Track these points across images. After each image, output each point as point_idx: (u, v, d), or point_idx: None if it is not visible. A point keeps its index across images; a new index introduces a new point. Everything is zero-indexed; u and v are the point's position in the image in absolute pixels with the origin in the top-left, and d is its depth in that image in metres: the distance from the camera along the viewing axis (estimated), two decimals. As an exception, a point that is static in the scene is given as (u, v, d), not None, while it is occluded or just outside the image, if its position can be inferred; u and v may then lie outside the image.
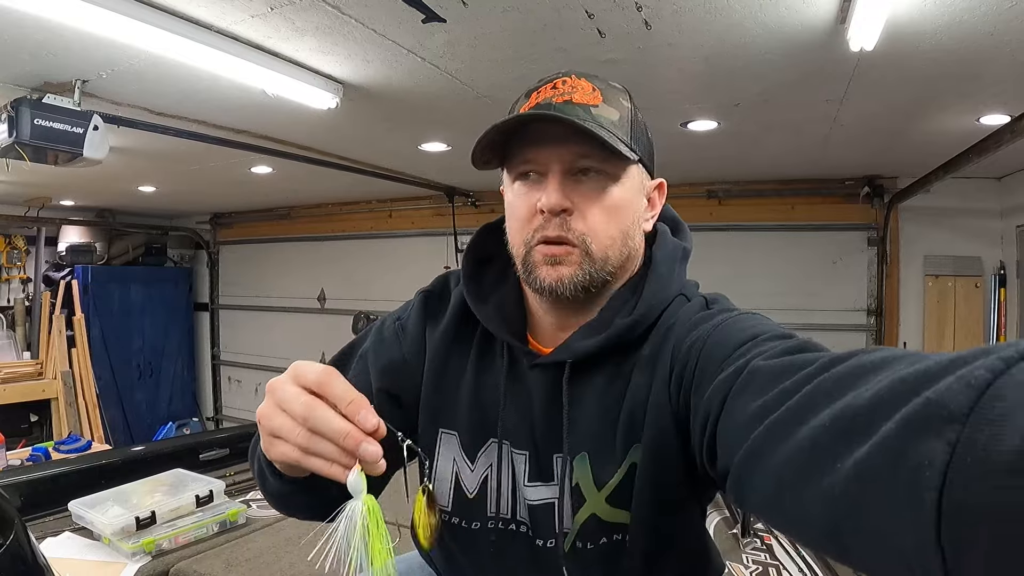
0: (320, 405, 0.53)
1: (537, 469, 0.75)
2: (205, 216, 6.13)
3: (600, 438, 0.71)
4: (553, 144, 0.68)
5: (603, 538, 0.72)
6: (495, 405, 0.76)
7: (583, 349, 0.72)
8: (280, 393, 0.55)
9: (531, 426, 0.75)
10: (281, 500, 0.72)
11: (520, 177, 0.72)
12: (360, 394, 0.54)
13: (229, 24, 1.73)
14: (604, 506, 0.71)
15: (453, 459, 0.79)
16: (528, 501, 0.75)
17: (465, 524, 0.78)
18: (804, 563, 1.65)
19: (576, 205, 0.69)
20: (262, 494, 0.76)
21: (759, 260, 4.10)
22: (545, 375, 0.74)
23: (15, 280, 5.31)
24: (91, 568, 1.47)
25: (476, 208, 4.81)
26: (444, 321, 0.81)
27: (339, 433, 0.52)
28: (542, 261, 0.70)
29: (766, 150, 3.22)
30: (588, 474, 0.71)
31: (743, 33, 1.76)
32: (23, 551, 0.80)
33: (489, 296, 0.79)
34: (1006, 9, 1.54)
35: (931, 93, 2.22)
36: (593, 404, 0.72)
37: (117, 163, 3.32)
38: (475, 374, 0.78)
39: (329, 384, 0.54)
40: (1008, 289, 3.52)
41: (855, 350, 0.45)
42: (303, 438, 0.53)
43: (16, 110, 2.04)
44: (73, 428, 4.58)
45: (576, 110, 0.68)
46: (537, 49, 1.90)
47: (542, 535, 0.75)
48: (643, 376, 0.71)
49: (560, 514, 0.72)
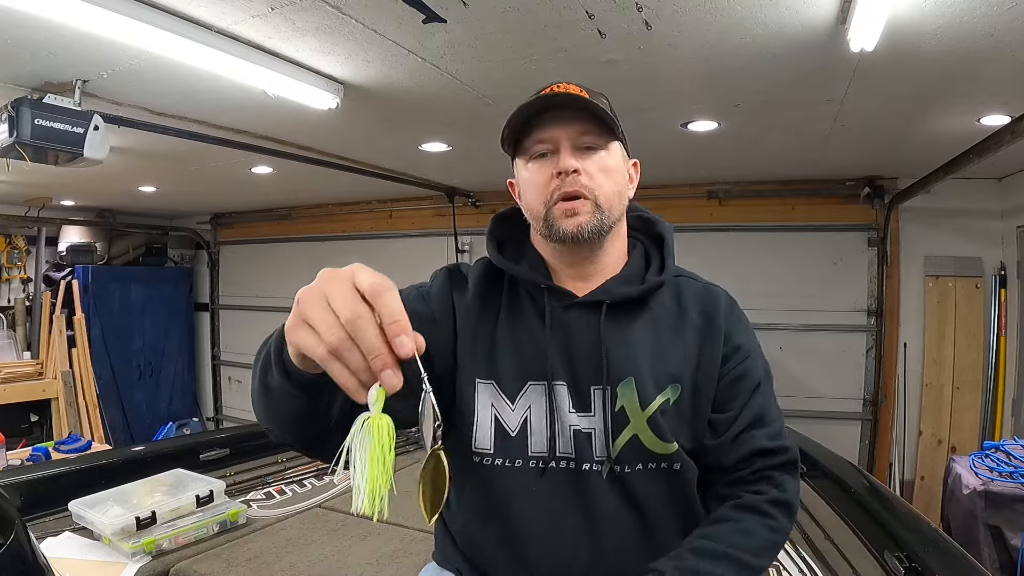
0: (367, 315, 0.50)
1: (577, 400, 0.87)
2: (205, 216, 6.13)
3: (641, 367, 0.87)
4: (561, 125, 0.87)
5: (640, 464, 0.85)
6: (533, 348, 0.89)
7: (622, 294, 0.90)
8: (331, 285, 0.52)
9: (570, 359, 0.88)
10: (271, 400, 0.68)
11: (535, 157, 0.89)
12: (407, 318, 0.51)
13: (229, 24, 1.73)
14: (647, 430, 0.85)
15: (491, 404, 0.88)
16: (573, 427, 0.86)
17: (508, 463, 0.87)
18: (804, 563, 1.64)
19: (583, 168, 0.86)
20: (252, 393, 0.72)
21: (759, 261, 4.10)
22: (583, 313, 0.89)
23: (15, 280, 5.31)
24: (91, 568, 1.47)
25: (476, 208, 4.81)
26: (471, 288, 0.94)
27: (374, 350, 0.49)
28: (561, 215, 0.86)
29: (766, 150, 3.22)
30: (634, 395, 0.86)
31: (743, 33, 1.76)
32: (23, 551, 0.80)
33: (519, 260, 0.95)
34: (1006, 9, 1.54)
35: (931, 94, 2.22)
36: (631, 338, 0.88)
37: (117, 163, 3.32)
38: (509, 325, 0.91)
39: (382, 296, 0.51)
40: (1008, 290, 3.52)
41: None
42: (336, 339, 0.50)
43: (16, 110, 2.03)
44: (73, 428, 4.58)
45: (572, 98, 0.86)
46: (537, 49, 1.90)
47: (584, 461, 0.86)
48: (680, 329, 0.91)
49: (602, 440, 0.85)
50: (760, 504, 0.85)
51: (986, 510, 2.25)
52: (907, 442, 3.78)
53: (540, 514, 0.86)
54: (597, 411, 0.86)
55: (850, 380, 3.95)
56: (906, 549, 1.46)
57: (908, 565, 1.42)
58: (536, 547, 0.86)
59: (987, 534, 2.26)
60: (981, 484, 2.29)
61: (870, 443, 3.92)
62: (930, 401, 3.73)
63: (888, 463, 3.84)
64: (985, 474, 2.32)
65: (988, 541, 2.25)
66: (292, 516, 1.90)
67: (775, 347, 4.04)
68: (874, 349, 3.89)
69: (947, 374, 3.69)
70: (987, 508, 2.25)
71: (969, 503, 2.32)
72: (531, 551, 0.86)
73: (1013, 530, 2.20)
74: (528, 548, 0.86)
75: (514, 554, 0.87)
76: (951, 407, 3.68)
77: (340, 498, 2.08)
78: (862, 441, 3.96)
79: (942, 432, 3.69)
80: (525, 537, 0.86)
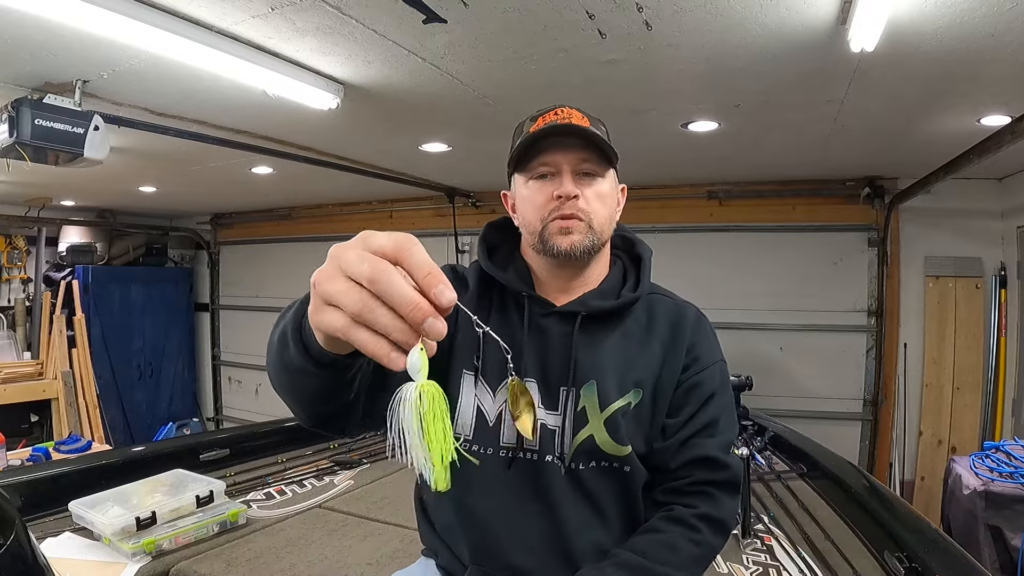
0: (391, 268, 0.45)
1: (548, 399, 0.95)
2: (205, 216, 6.13)
3: (606, 372, 0.94)
4: (563, 151, 0.94)
5: (593, 462, 0.93)
6: (514, 346, 0.94)
7: (598, 307, 0.97)
8: (344, 253, 0.47)
9: (544, 361, 0.96)
10: (288, 376, 0.66)
11: (536, 177, 0.95)
12: (438, 268, 0.47)
13: (230, 24, 1.73)
14: (603, 431, 0.92)
15: (475, 395, 0.96)
16: (540, 422, 0.93)
17: (483, 450, 0.94)
18: (804, 563, 1.64)
19: (581, 193, 0.93)
20: (269, 368, 0.70)
21: (759, 261, 4.09)
22: (559, 321, 0.97)
23: (15, 280, 5.31)
24: (91, 568, 1.47)
25: (476, 208, 4.81)
26: (469, 290, 1.01)
27: (408, 302, 0.44)
28: (557, 232, 0.93)
29: (766, 151, 3.22)
30: (594, 398, 0.93)
31: (744, 34, 1.76)
32: (23, 551, 0.80)
33: (507, 268, 1.03)
34: (1006, 10, 1.54)
35: (932, 94, 2.22)
36: (600, 347, 0.96)
37: (117, 163, 3.32)
38: (496, 325, 0.97)
39: (407, 250, 0.46)
40: (1009, 290, 3.52)
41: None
42: (358, 303, 0.45)
43: (17, 110, 2.03)
44: (73, 428, 4.58)
45: (576, 128, 0.93)
46: (537, 49, 1.90)
47: (547, 453, 0.93)
48: (648, 341, 0.97)
49: (561, 437, 0.93)
50: (689, 518, 0.91)
51: (986, 510, 2.25)
52: (907, 442, 3.78)
53: (506, 501, 0.94)
54: (563, 409, 0.94)
55: (850, 380, 3.95)
56: (906, 549, 1.46)
57: (908, 565, 1.42)
58: (503, 531, 0.93)
59: (987, 534, 2.26)
60: (981, 484, 2.29)
61: (870, 443, 3.92)
62: (930, 401, 3.73)
63: (888, 463, 3.83)
64: (985, 474, 2.32)
65: (988, 541, 2.25)
66: (292, 516, 1.90)
67: (775, 347, 4.04)
68: (874, 349, 3.88)
69: (947, 374, 3.69)
70: (987, 508, 2.25)
71: (969, 503, 2.32)
72: (499, 535, 0.93)
73: (1013, 530, 2.20)
74: (496, 532, 0.94)
75: (483, 537, 0.95)
76: (951, 407, 3.68)
77: (340, 498, 2.08)
78: (862, 441, 3.95)
79: (942, 432, 3.69)
80: (491, 522, 0.94)
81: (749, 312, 4.02)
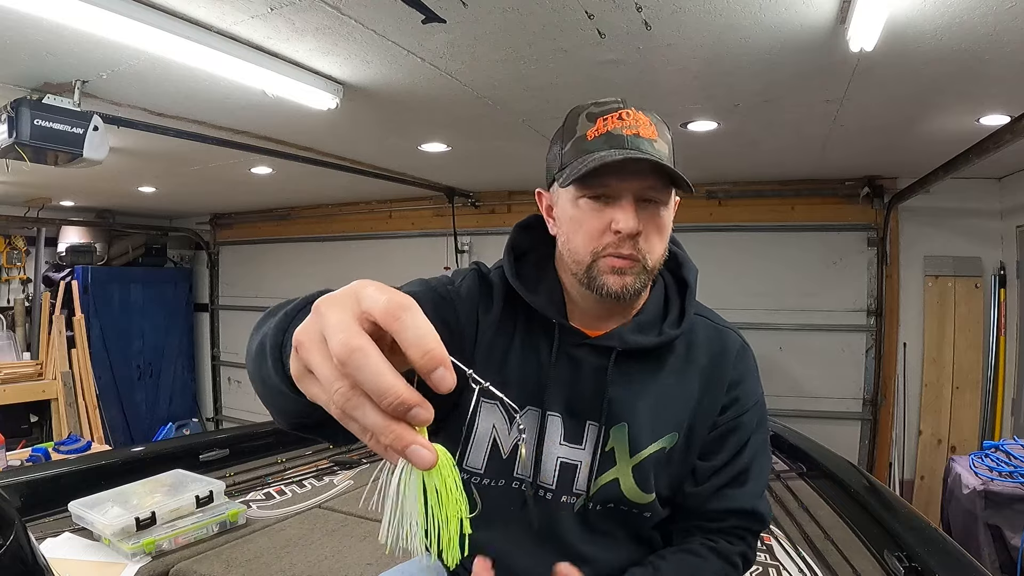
0: (367, 348, 0.37)
1: (569, 432, 0.88)
2: (205, 217, 6.13)
3: (640, 415, 0.87)
4: (630, 177, 0.80)
5: (612, 504, 0.87)
6: (537, 376, 0.88)
7: (636, 343, 0.87)
8: (327, 319, 0.39)
9: (570, 393, 0.88)
10: (266, 390, 0.59)
11: (593, 197, 0.82)
12: (439, 340, 0.38)
13: (229, 25, 1.73)
14: (629, 476, 0.86)
15: (493, 424, 0.88)
16: (560, 459, 0.88)
17: (495, 483, 0.89)
18: (804, 563, 1.64)
19: (643, 229, 0.81)
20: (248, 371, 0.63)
21: (759, 260, 4.10)
22: (592, 353, 0.88)
23: (15, 280, 5.30)
24: (91, 569, 1.47)
25: (476, 208, 4.81)
26: (495, 306, 0.91)
27: (382, 393, 0.36)
28: (609, 271, 0.82)
29: (766, 150, 3.23)
30: (625, 442, 0.86)
31: (743, 33, 1.76)
32: (23, 551, 0.80)
33: (538, 287, 0.91)
34: (1006, 10, 1.55)
35: (931, 93, 2.22)
36: (635, 386, 0.88)
37: (117, 163, 3.32)
38: (522, 351, 0.89)
39: (398, 319, 0.38)
40: (1008, 289, 3.52)
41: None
42: (340, 396, 0.38)
43: (16, 110, 2.03)
44: (73, 428, 4.58)
45: (644, 144, 0.80)
46: (537, 49, 1.90)
47: (562, 492, 0.88)
48: (685, 373, 0.90)
49: (583, 475, 0.87)
50: (732, 556, 0.90)
51: (986, 510, 2.26)
52: (907, 442, 3.78)
53: (515, 536, 0.89)
54: (588, 445, 0.88)
55: (850, 380, 3.96)
56: (906, 549, 1.46)
57: (908, 565, 1.42)
58: (511, 567, 0.88)
59: (987, 534, 2.26)
60: (981, 484, 2.29)
61: (870, 443, 3.93)
62: (930, 401, 3.73)
63: (888, 463, 3.84)
64: (985, 474, 2.32)
65: (988, 541, 2.25)
66: (292, 516, 1.90)
67: (775, 347, 4.04)
68: (874, 349, 3.89)
69: (947, 374, 3.69)
70: (987, 508, 2.25)
71: (969, 503, 2.32)
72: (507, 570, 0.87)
73: (1013, 530, 2.20)
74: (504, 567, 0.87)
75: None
76: (951, 407, 3.68)
77: (340, 498, 2.08)
78: (862, 441, 3.96)
79: (942, 432, 3.69)
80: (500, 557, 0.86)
81: (748, 312, 4.01)
